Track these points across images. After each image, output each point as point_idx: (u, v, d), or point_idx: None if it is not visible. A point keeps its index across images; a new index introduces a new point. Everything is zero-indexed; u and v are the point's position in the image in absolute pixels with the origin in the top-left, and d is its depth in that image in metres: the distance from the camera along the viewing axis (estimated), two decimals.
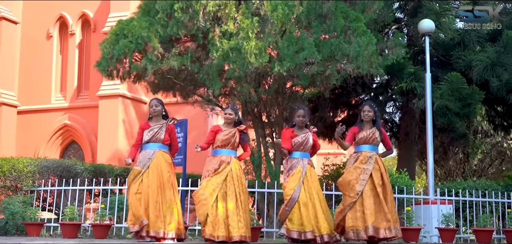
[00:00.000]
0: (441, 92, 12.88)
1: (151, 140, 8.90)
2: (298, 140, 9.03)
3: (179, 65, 11.76)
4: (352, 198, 8.85)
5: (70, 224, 10.29)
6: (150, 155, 8.84)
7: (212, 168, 8.87)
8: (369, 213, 8.74)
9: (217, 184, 8.72)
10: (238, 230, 8.55)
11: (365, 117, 9.11)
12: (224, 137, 8.96)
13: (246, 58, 10.91)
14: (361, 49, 11.36)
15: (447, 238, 10.52)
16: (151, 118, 9.08)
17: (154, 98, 9.19)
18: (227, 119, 9.08)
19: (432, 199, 11.63)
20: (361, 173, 8.87)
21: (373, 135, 9.06)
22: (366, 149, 9.04)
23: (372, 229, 8.69)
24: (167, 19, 11.68)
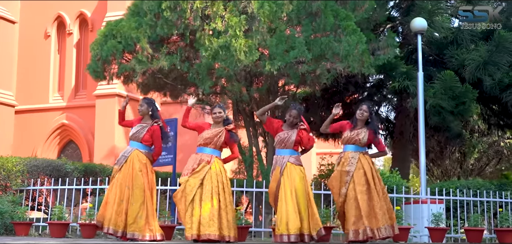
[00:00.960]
0: (434, 91, 12.82)
1: (132, 137, 8.97)
2: (280, 136, 8.96)
3: (168, 65, 11.73)
4: (339, 201, 8.95)
5: (58, 223, 10.27)
6: (126, 153, 8.87)
7: (191, 167, 8.84)
8: (349, 216, 8.77)
9: (195, 184, 8.68)
10: (208, 229, 8.47)
11: (360, 116, 9.05)
12: (207, 135, 8.90)
13: (235, 56, 10.87)
14: (350, 48, 11.31)
15: (437, 237, 10.45)
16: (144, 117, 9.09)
17: (145, 98, 9.20)
18: (215, 118, 9.02)
19: (423, 198, 11.57)
20: (345, 176, 8.87)
21: (357, 136, 9.03)
22: (349, 149, 9.03)
23: (352, 234, 8.75)
24: (156, 19, 11.65)
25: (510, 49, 12.78)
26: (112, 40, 11.88)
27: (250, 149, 13.14)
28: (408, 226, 10.58)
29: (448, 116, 12.95)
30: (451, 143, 17.13)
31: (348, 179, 8.85)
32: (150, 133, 8.96)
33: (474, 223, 10.84)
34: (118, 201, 8.72)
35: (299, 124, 9.06)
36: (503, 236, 11.01)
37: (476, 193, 12.18)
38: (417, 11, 13.43)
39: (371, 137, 9.10)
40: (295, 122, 8.99)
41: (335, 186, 8.98)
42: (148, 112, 9.04)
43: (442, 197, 11.67)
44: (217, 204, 8.63)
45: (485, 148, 20.30)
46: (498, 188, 12.90)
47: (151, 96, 14.31)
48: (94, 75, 12.59)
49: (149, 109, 9.05)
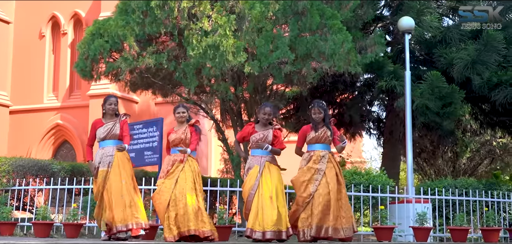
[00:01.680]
0: (421, 90, 12.78)
1: (107, 137, 8.95)
2: (256, 137, 8.99)
3: (155, 63, 11.72)
4: (305, 198, 8.84)
5: (42, 223, 10.26)
6: (110, 153, 8.89)
7: (166, 168, 8.92)
8: (316, 213, 8.71)
9: (171, 185, 8.71)
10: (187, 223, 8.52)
11: (316, 118, 9.08)
12: (174, 136, 8.99)
13: (224, 56, 10.86)
14: (336, 46, 11.28)
15: (421, 237, 10.43)
16: (105, 115, 9.11)
17: (113, 96, 9.24)
18: (179, 118, 9.06)
19: (409, 198, 11.55)
20: (315, 173, 8.83)
21: (325, 133, 9.04)
22: (318, 148, 9.01)
23: (315, 229, 8.68)
24: (143, 17, 11.63)
25: (498, 48, 12.74)
26: (99, 39, 11.86)
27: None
28: (392, 225, 10.55)
29: (434, 116, 12.90)
30: (443, 142, 17.06)
31: (319, 178, 8.81)
32: (122, 127, 9.04)
33: (459, 223, 10.82)
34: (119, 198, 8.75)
35: (273, 123, 9.08)
36: (488, 235, 11.02)
37: (463, 192, 12.13)
38: (406, 10, 13.39)
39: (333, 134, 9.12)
40: (269, 119, 9.01)
41: (303, 183, 8.88)
42: (116, 110, 9.14)
43: (427, 197, 11.65)
44: (192, 201, 8.64)
45: (478, 147, 20.28)
46: (486, 187, 12.87)
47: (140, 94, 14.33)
48: (82, 74, 12.56)
49: (116, 107, 9.14)
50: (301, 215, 8.85)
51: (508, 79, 13.09)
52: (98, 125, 9.08)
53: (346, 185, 11.32)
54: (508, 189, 13.00)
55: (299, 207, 8.89)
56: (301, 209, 8.86)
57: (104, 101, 9.21)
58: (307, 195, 8.83)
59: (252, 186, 8.77)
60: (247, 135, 9.15)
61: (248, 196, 8.80)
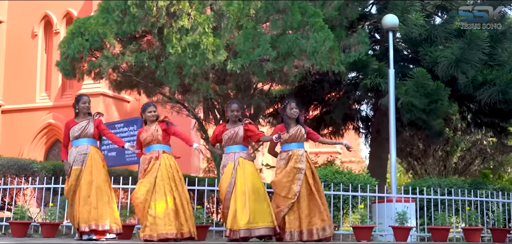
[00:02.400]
0: (406, 88, 12.69)
1: (80, 135, 8.87)
2: (227, 135, 8.90)
3: (135, 61, 11.67)
4: (291, 199, 8.70)
5: (19, 222, 10.20)
6: (84, 151, 8.80)
7: (143, 168, 8.82)
8: (304, 216, 8.65)
9: (150, 183, 8.61)
10: (164, 228, 8.40)
11: (292, 115, 8.97)
12: (146, 134, 8.87)
13: (204, 55, 10.80)
14: (318, 44, 11.24)
15: (401, 236, 10.34)
16: (78, 114, 9.02)
17: (84, 94, 9.18)
18: (150, 116, 8.94)
19: (391, 197, 11.46)
20: (297, 173, 8.73)
21: (300, 132, 8.94)
22: (296, 147, 8.90)
23: (306, 234, 8.62)
24: (122, 16, 11.58)
25: (482, 46, 12.65)
26: (79, 38, 11.82)
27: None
28: (371, 225, 10.46)
29: (420, 114, 12.81)
30: (431, 141, 16.97)
31: (301, 177, 8.72)
32: (96, 127, 8.96)
33: (440, 222, 10.74)
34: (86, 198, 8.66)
35: (243, 119, 9.00)
36: (469, 235, 10.92)
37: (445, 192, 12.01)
38: (391, 8, 13.30)
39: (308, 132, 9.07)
40: (238, 116, 8.94)
41: (286, 184, 8.75)
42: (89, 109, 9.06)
43: (408, 196, 11.55)
44: (172, 202, 8.56)
45: (469, 146, 20.15)
46: (472, 187, 12.76)
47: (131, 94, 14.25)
48: (64, 73, 12.55)
49: (89, 106, 9.08)
50: (288, 216, 8.71)
51: (493, 78, 13.00)
52: (72, 124, 8.99)
53: (329, 184, 11.28)
54: (494, 189, 12.88)
55: (283, 208, 8.73)
56: (286, 210, 8.71)
57: (76, 101, 9.13)
58: (292, 195, 8.69)
59: (229, 183, 8.68)
60: (219, 135, 9.06)
61: (225, 194, 8.71)
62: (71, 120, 9.09)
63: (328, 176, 11.58)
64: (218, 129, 9.11)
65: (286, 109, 9.06)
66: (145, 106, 9.07)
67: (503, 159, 20.82)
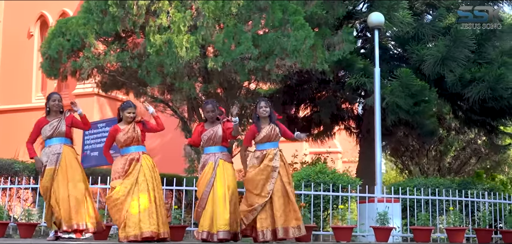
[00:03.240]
0: (391, 88, 12.54)
1: (53, 134, 8.74)
2: (206, 135, 8.77)
3: (117, 61, 11.61)
4: (264, 197, 8.57)
5: None
6: (57, 151, 8.68)
7: (122, 168, 8.59)
8: (279, 215, 8.51)
9: (131, 184, 8.48)
10: (149, 226, 8.32)
11: (262, 114, 8.78)
12: (125, 136, 8.67)
13: (176, 52, 10.71)
14: (298, 43, 11.15)
15: (382, 237, 10.22)
16: (49, 113, 8.89)
17: (55, 93, 9.06)
18: (128, 118, 8.76)
19: (375, 197, 11.34)
20: (272, 171, 8.61)
21: (274, 131, 8.77)
22: (270, 146, 8.76)
23: (282, 231, 8.48)
24: (103, 16, 11.50)
25: (468, 44, 12.48)
26: (58, 38, 11.75)
27: None
28: (351, 225, 10.34)
29: (405, 114, 12.65)
30: (423, 140, 16.81)
31: (275, 175, 8.61)
32: (68, 124, 8.84)
33: (422, 222, 10.60)
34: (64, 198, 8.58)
35: (220, 117, 8.89)
36: (453, 235, 10.76)
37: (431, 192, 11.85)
38: (377, 6, 13.14)
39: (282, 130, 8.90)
40: (214, 116, 8.81)
41: (259, 182, 8.62)
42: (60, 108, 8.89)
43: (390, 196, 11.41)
44: (153, 201, 8.48)
45: (463, 146, 19.94)
46: (461, 187, 12.60)
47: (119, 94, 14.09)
48: (47, 73, 12.50)
49: (60, 104, 8.90)
50: (260, 215, 8.57)
51: (481, 76, 12.83)
52: (43, 124, 8.84)
53: (311, 184, 11.16)
54: (483, 189, 12.71)
55: (256, 206, 8.58)
56: (259, 209, 8.58)
57: (47, 99, 8.94)
58: (265, 194, 8.57)
59: (207, 183, 8.57)
60: (198, 135, 8.91)
61: (202, 194, 8.59)
62: (42, 118, 8.91)
63: (311, 175, 11.46)
64: (197, 130, 8.94)
65: (257, 108, 8.90)
66: (125, 105, 8.83)
67: (499, 158, 20.59)
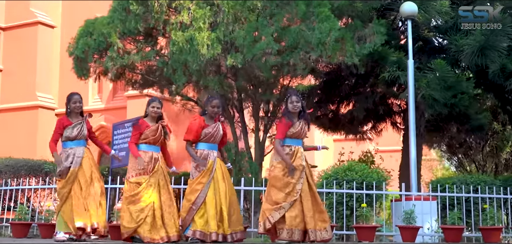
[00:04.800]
0: (426, 80, 11.95)
1: (77, 136, 8.69)
2: (209, 131, 8.46)
3: (141, 59, 11.56)
4: (293, 196, 8.20)
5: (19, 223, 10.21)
6: (81, 154, 8.65)
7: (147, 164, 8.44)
8: (310, 216, 8.18)
9: (155, 183, 8.42)
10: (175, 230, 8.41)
11: (293, 108, 8.39)
12: (154, 134, 8.55)
13: (198, 50, 10.54)
14: (323, 35, 10.75)
15: (408, 237, 9.69)
16: (70, 114, 8.85)
17: (77, 93, 8.98)
18: (154, 112, 8.63)
19: (403, 195, 10.81)
20: (302, 171, 8.26)
21: (304, 129, 8.44)
22: (298, 144, 8.40)
23: (313, 234, 8.15)
24: (126, 14, 11.46)
25: (508, 32, 11.72)
26: (85, 38, 11.79)
27: (235, 145, 12.71)
28: (375, 225, 9.87)
29: (442, 108, 12.02)
30: (472, 135, 16.03)
31: (304, 175, 8.28)
32: (89, 128, 8.85)
33: (452, 221, 10.02)
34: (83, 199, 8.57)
35: (220, 117, 8.64)
36: (488, 235, 10.12)
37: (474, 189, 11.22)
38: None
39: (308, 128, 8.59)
40: (219, 112, 8.58)
41: (292, 181, 8.22)
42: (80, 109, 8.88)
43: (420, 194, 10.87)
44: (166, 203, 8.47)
45: None
46: (506, 184, 11.86)
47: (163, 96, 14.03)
48: (77, 73, 12.55)
49: (80, 105, 8.88)
50: (290, 213, 8.19)
51: None
52: (66, 124, 8.83)
53: (340, 183, 10.78)
54: None
55: (284, 205, 8.20)
56: (288, 207, 8.21)
57: (68, 100, 8.93)
58: (295, 193, 8.22)
59: (206, 182, 8.34)
60: (199, 130, 8.61)
61: (200, 192, 8.34)
62: (65, 118, 8.86)
63: (339, 173, 11.06)
64: (199, 124, 8.51)
65: (287, 103, 8.50)
66: (150, 100, 8.79)
67: None
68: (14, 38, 24.16)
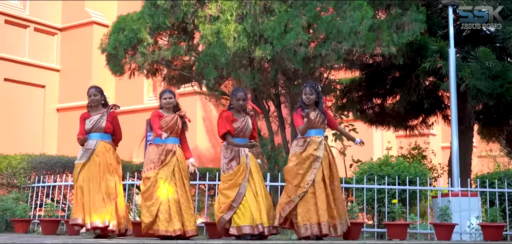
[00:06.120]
0: (470, 70, 11.30)
1: (92, 129, 8.62)
2: (239, 125, 8.31)
3: (172, 55, 11.40)
4: (302, 188, 8.02)
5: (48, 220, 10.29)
6: (91, 146, 8.56)
7: (158, 159, 8.32)
8: (323, 209, 7.95)
9: (167, 176, 8.24)
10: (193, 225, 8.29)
11: (307, 101, 8.25)
12: (169, 123, 8.42)
13: (225, 43, 10.28)
14: (354, 24, 10.31)
15: (443, 234, 9.16)
16: (91, 107, 8.78)
17: (93, 87, 8.91)
18: (167, 103, 8.51)
19: (455, 191, 10.25)
20: (314, 161, 8.02)
21: (320, 118, 8.21)
22: (314, 134, 8.19)
23: (326, 227, 7.92)
24: (155, 9, 11.31)
25: None
26: (116, 34, 11.72)
27: (271, 141, 12.39)
28: (407, 222, 9.35)
29: (487, 99, 11.33)
30: None
31: (317, 165, 8.03)
32: (110, 120, 8.70)
33: (491, 218, 9.43)
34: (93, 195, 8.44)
35: (249, 111, 8.39)
36: None
37: None
38: None
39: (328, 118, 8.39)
40: (245, 105, 8.36)
41: (299, 172, 8.06)
42: (101, 101, 8.84)
43: (457, 189, 10.26)
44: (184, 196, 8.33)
45: None
46: None
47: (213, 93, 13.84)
48: (112, 70, 12.50)
49: (102, 97, 8.85)
50: (300, 208, 8.03)
51: None
52: (86, 117, 8.78)
53: (373, 178, 10.32)
54: None
55: (293, 198, 8.05)
56: (297, 200, 8.04)
57: (87, 94, 8.92)
58: (304, 185, 8.04)
59: (244, 178, 8.14)
60: (231, 124, 8.34)
61: (240, 188, 8.11)
62: (86, 112, 8.87)
63: (374, 169, 10.58)
64: (229, 118, 8.33)
65: (302, 94, 8.38)
66: (162, 91, 8.74)
67: None
68: (70, 39, 24.47)
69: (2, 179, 11.66)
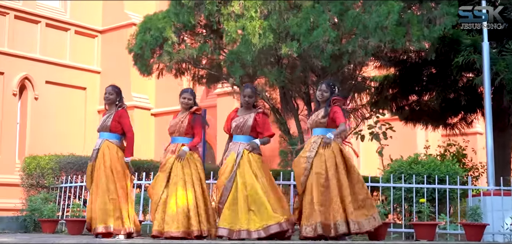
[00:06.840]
0: (505, 63, 10.87)
1: (100, 128, 8.68)
2: (235, 122, 8.22)
3: (197, 53, 11.30)
4: (299, 190, 7.98)
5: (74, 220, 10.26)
6: (97, 145, 8.55)
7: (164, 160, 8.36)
8: (317, 209, 7.70)
9: (163, 179, 8.19)
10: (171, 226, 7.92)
11: (319, 97, 8.11)
12: (171, 123, 8.44)
13: (249, 40, 10.13)
14: (380, 19, 10.02)
15: (473, 235, 8.79)
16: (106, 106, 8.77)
17: (110, 86, 8.86)
18: (183, 103, 8.45)
19: (490, 190, 9.84)
20: (304, 162, 7.87)
21: (317, 117, 8.05)
22: (315, 133, 8.05)
23: (320, 227, 7.67)
24: (180, 8, 11.23)
25: None
26: (142, 34, 11.67)
27: (300, 139, 12.17)
28: (435, 222, 9.02)
29: None
30: None
31: (307, 166, 7.81)
32: (116, 120, 8.56)
33: None
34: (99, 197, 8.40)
35: (257, 106, 8.19)
36: None
37: None
38: None
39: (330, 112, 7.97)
40: (251, 102, 8.15)
41: (296, 174, 8.06)
42: (115, 100, 8.71)
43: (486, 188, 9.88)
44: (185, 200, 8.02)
45: None
46: None
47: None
48: (140, 70, 12.46)
49: (117, 98, 8.70)
50: (304, 209, 7.90)
51: None
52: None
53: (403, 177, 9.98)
54: None
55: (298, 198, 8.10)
56: (299, 201, 8.06)
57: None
58: (300, 187, 7.98)
59: (229, 177, 7.96)
60: (229, 122, 8.31)
61: (223, 188, 7.97)
62: (103, 111, 8.90)
63: (404, 167, 10.25)
64: (230, 116, 8.42)
65: (317, 90, 8.27)
66: (181, 91, 8.62)
67: None
68: (110, 41, 24.69)
69: (32, 180, 11.73)
